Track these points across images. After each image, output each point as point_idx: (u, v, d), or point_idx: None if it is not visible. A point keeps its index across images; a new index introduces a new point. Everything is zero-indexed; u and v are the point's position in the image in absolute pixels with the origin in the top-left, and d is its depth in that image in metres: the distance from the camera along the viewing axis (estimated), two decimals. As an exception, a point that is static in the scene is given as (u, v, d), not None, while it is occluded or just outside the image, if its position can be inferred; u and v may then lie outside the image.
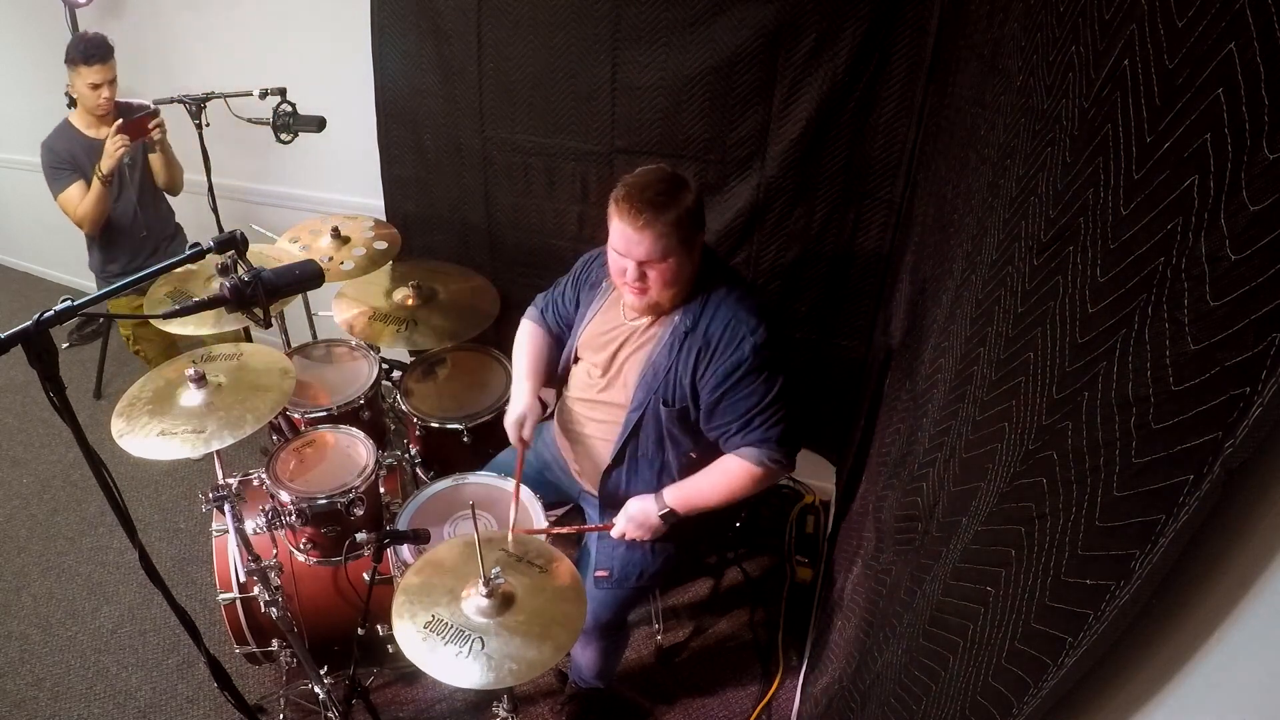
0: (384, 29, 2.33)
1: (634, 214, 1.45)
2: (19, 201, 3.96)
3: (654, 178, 1.49)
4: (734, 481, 1.61)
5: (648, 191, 1.46)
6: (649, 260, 1.49)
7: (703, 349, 1.55)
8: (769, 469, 1.59)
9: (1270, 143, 0.46)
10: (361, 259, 2.23)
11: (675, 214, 1.46)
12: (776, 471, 1.60)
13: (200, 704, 2.17)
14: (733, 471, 1.61)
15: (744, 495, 1.63)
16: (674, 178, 1.50)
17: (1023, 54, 1.05)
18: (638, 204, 1.45)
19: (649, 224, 1.44)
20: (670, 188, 1.47)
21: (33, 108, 3.48)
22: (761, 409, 1.55)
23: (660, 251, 1.47)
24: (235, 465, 1.94)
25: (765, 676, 2.23)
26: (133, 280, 1.17)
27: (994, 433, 0.86)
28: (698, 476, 1.66)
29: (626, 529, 1.69)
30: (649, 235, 1.45)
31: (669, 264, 1.49)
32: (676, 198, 1.47)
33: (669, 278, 1.51)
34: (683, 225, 1.47)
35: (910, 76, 1.86)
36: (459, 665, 1.28)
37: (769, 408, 1.55)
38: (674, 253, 1.48)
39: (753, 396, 1.54)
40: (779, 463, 1.59)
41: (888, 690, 1.09)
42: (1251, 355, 0.46)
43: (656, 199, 1.45)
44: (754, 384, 1.54)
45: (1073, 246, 0.73)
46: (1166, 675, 0.60)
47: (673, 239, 1.46)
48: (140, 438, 1.54)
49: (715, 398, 1.56)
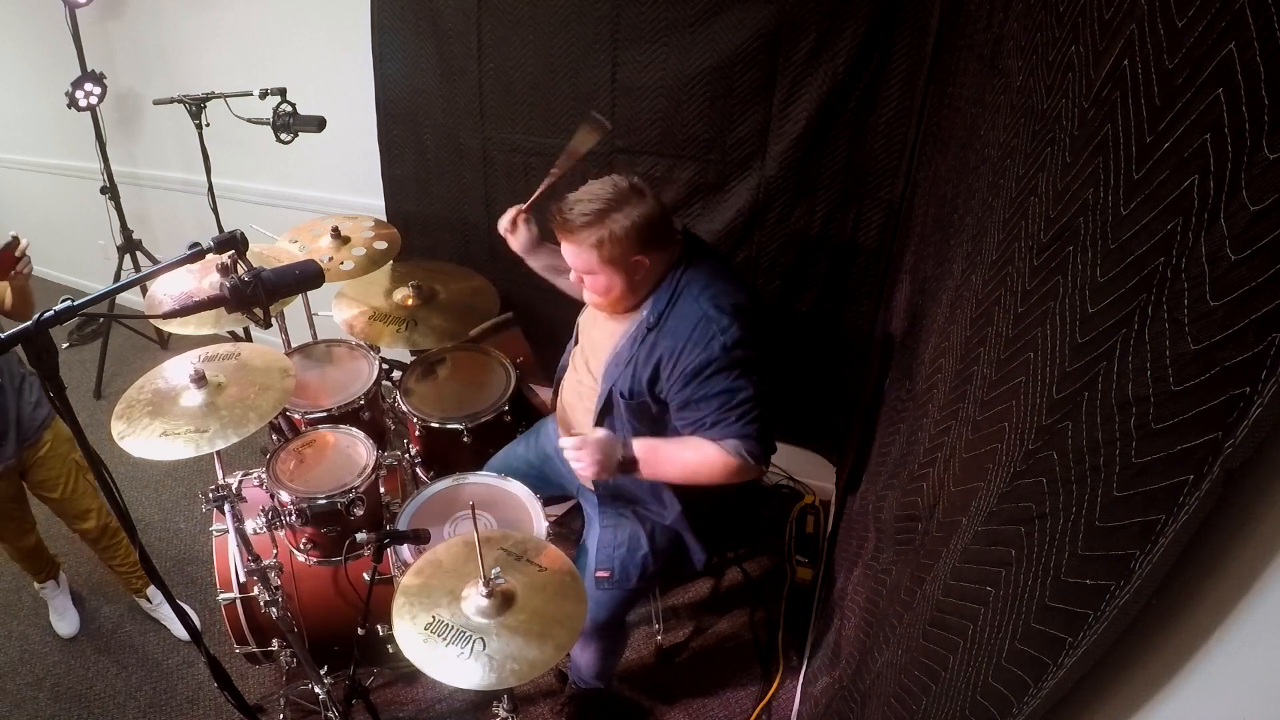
0: (384, 29, 2.33)
1: (559, 226, 1.50)
2: (19, 202, 3.97)
3: (590, 194, 1.48)
4: (704, 461, 1.55)
5: (576, 208, 1.48)
6: (576, 268, 1.54)
7: (667, 347, 1.52)
8: (743, 461, 1.53)
9: (1270, 143, 0.46)
10: (361, 259, 2.22)
11: (597, 235, 1.46)
12: (749, 467, 1.54)
13: (200, 704, 2.17)
14: (706, 451, 1.55)
15: (709, 481, 1.57)
16: (614, 197, 1.47)
17: (1023, 54, 1.05)
18: (562, 218, 1.49)
19: (569, 238, 1.50)
20: (602, 208, 1.46)
21: (33, 108, 3.49)
22: (737, 404, 1.51)
23: (584, 265, 1.51)
24: (235, 465, 1.94)
25: (765, 676, 2.23)
26: (132, 280, 1.17)
27: (994, 433, 0.86)
28: (671, 441, 1.60)
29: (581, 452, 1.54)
30: (570, 248, 1.51)
31: (597, 278, 1.52)
32: (603, 219, 1.45)
33: (599, 289, 1.54)
34: (606, 245, 1.46)
35: (910, 76, 1.86)
36: (460, 666, 1.28)
37: (746, 402, 1.51)
38: (598, 270, 1.50)
39: (725, 392, 1.51)
40: (755, 457, 1.54)
41: (888, 690, 1.09)
42: (1251, 355, 0.46)
43: (580, 218, 1.47)
44: (726, 381, 1.50)
45: (1073, 246, 0.73)
46: (1166, 675, 0.60)
47: (594, 257, 1.48)
48: (142, 439, 1.54)
49: (686, 395, 1.53)
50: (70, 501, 2.15)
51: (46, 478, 2.10)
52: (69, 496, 2.14)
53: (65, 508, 2.17)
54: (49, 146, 3.58)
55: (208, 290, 1.88)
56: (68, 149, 3.38)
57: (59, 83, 2.81)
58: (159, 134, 3.19)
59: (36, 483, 2.11)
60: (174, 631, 2.37)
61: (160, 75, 2.95)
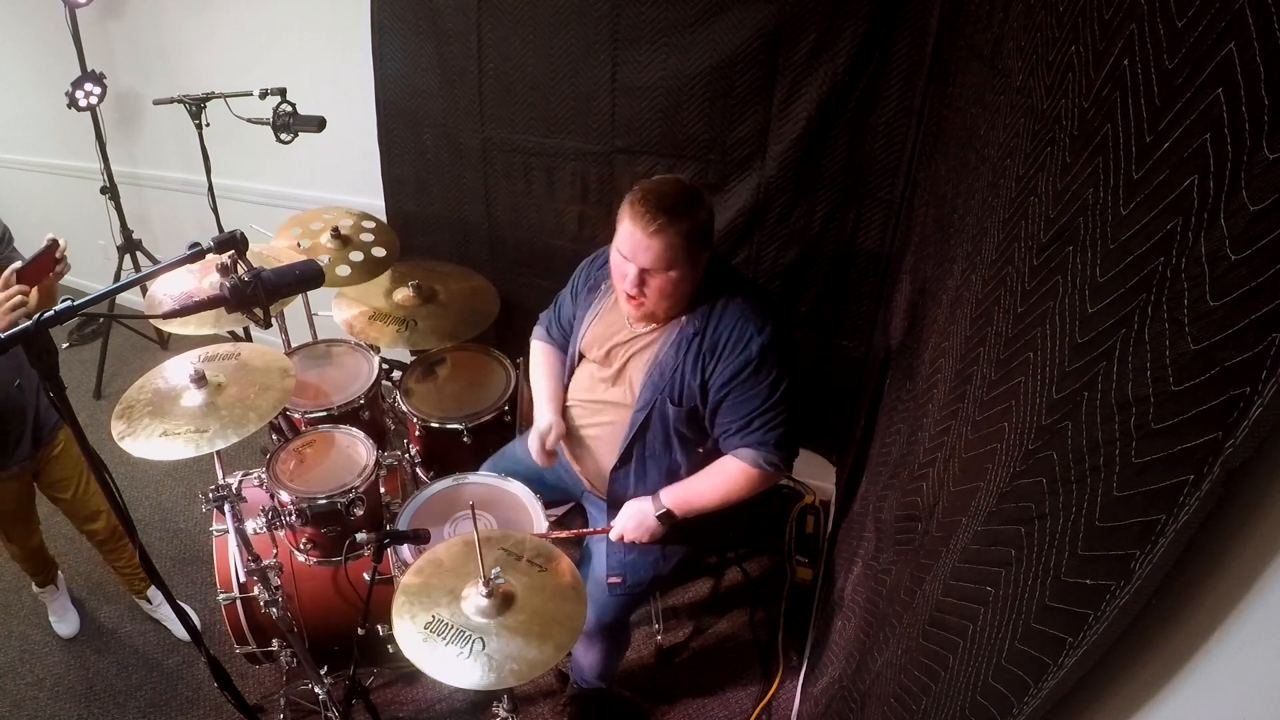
0: (384, 29, 2.33)
1: (648, 218, 1.43)
2: (19, 202, 3.96)
3: (672, 187, 1.49)
4: (730, 482, 1.62)
5: (666, 199, 1.45)
6: (653, 268, 1.47)
7: (710, 351, 1.55)
8: (765, 472, 1.59)
9: (1270, 143, 0.46)
10: (359, 264, 2.21)
11: (688, 225, 1.45)
12: (772, 475, 1.60)
13: (200, 704, 2.17)
14: (730, 473, 1.61)
15: (740, 497, 1.63)
16: (692, 191, 1.50)
17: (1022, 54, 1.05)
18: (654, 209, 1.43)
19: (661, 230, 1.43)
20: (688, 199, 1.47)
21: (33, 108, 3.49)
22: (763, 410, 1.55)
23: (666, 261, 1.46)
24: (235, 465, 1.94)
25: (765, 676, 2.23)
26: (132, 280, 1.17)
27: (994, 433, 0.86)
28: (695, 478, 1.66)
29: (625, 530, 1.69)
30: (658, 242, 1.44)
31: (670, 276, 1.48)
32: (692, 210, 1.46)
33: (668, 290, 1.50)
34: (692, 238, 1.46)
35: (910, 76, 1.86)
36: (459, 666, 1.28)
37: (771, 409, 1.55)
38: (678, 266, 1.48)
39: (756, 399, 1.55)
40: (775, 466, 1.59)
41: (888, 690, 1.09)
42: (1251, 355, 0.46)
43: (674, 207, 1.44)
44: (759, 385, 1.54)
45: (1073, 246, 0.73)
46: (1166, 675, 0.60)
47: (680, 251, 1.46)
48: (143, 439, 1.54)
49: (720, 396, 1.56)
50: (81, 501, 2.16)
51: (60, 477, 2.10)
52: (80, 497, 2.15)
53: (76, 508, 2.17)
54: (49, 146, 3.58)
55: (208, 290, 1.88)
56: (68, 149, 3.37)
57: (59, 83, 2.81)
58: (159, 134, 3.19)
59: (49, 482, 2.11)
60: (174, 631, 2.37)
61: (160, 75, 2.95)
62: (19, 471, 2.01)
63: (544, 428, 1.75)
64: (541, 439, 1.74)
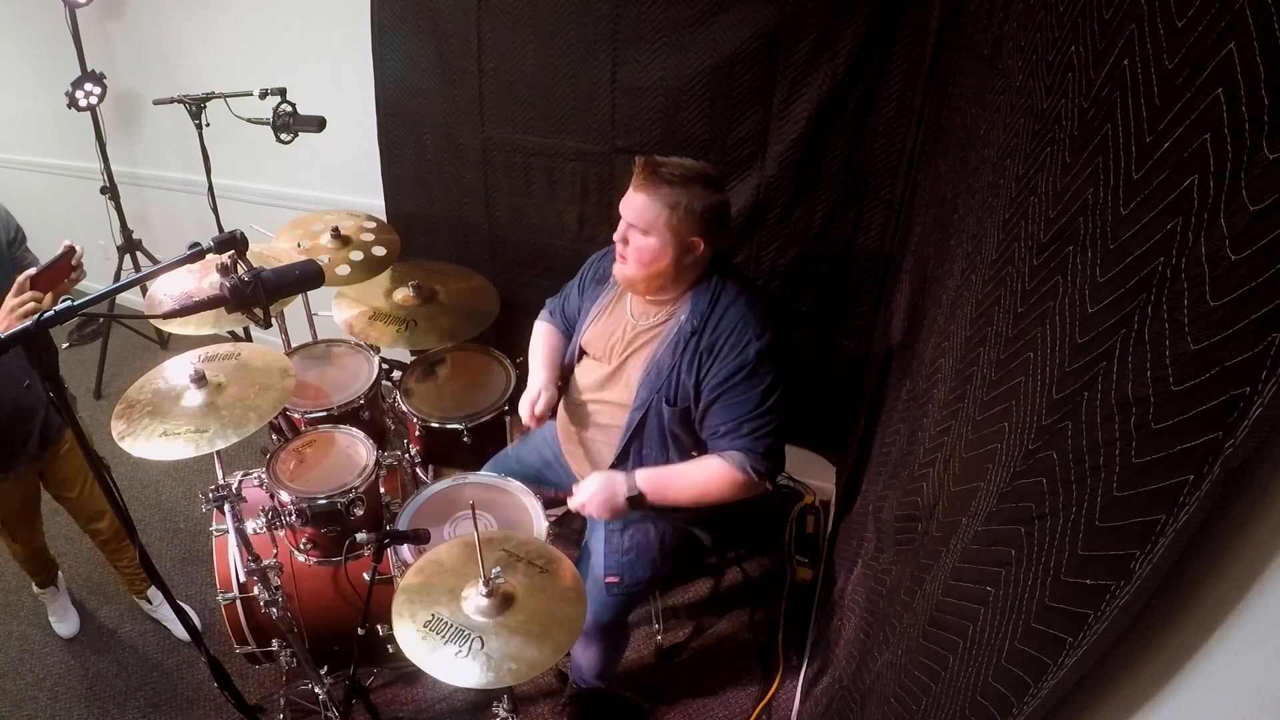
0: (384, 29, 2.33)
1: (639, 174, 1.50)
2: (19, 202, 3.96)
3: (682, 160, 1.51)
4: (710, 481, 1.58)
5: (666, 166, 1.49)
6: (632, 224, 1.52)
7: (707, 351, 1.55)
8: (749, 478, 1.56)
9: (1270, 143, 0.46)
10: (360, 264, 2.22)
11: (677, 196, 1.47)
12: (755, 483, 1.57)
13: (200, 704, 2.17)
14: (711, 470, 1.58)
15: (716, 499, 1.60)
16: (702, 173, 1.51)
17: (1022, 54, 1.05)
18: (647, 168, 1.49)
19: (645, 187, 1.49)
20: (689, 174, 1.49)
21: (33, 108, 3.49)
22: (753, 416, 1.53)
23: (645, 222, 1.49)
24: (235, 465, 1.94)
25: (765, 676, 2.23)
26: (132, 280, 1.17)
27: (994, 433, 0.86)
28: (676, 467, 1.63)
29: (588, 504, 1.62)
30: (640, 197, 1.49)
31: (649, 242, 1.51)
32: (688, 185, 1.48)
33: (644, 258, 1.52)
34: (680, 212, 1.47)
35: (910, 76, 1.86)
36: (459, 665, 1.28)
37: (762, 416, 1.54)
38: (657, 232, 1.49)
39: (748, 403, 1.53)
40: (759, 474, 1.56)
41: (888, 690, 1.09)
42: (1251, 355, 0.46)
43: (668, 175, 1.48)
44: (753, 389, 1.53)
45: (1073, 246, 0.73)
46: (1166, 675, 0.60)
47: (661, 219, 1.47)
48: (143, 439, 1.54)
49: (713, 398, 1.55)
50: (87, 500, 2.16)
51: (66, 475, 2.11)
52: (86, 495, 2.15)
53: (81, 506, 2.18)
54: (49, 146, 3.58)
55: (208, 290, 1.88)
56: (68, 149, 3.37)
57: (59, 83, 2.81)
58: (159, 134, 3.19)
59: (56, 481, 2.11)
60: (174, 631, 2.37)
61: (160, 75, 2.95)
62: (26, 471, 2.01)
63: (534, 392, 1.75)
64: (531, 403, 1.74)
